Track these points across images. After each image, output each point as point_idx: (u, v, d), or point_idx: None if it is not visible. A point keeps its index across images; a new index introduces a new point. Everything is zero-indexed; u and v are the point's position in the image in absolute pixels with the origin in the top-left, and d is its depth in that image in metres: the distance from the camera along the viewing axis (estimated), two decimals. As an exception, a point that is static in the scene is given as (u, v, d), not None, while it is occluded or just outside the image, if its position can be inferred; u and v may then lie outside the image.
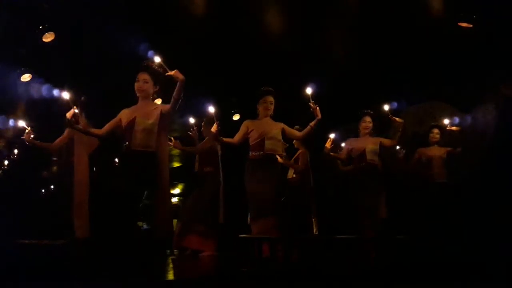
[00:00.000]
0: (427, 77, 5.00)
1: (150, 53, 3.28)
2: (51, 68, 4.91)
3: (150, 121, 3.12)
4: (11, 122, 4.93)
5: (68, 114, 2.96)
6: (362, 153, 4.35)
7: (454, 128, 4.58)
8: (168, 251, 5.04)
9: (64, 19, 4.59)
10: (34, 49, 4.78)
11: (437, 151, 4.79)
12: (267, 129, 3.73)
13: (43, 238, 5.03)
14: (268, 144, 3.68)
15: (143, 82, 3.15)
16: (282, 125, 3.82)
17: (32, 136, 4.02)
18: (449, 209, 4.58)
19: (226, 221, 4.47)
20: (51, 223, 4.89)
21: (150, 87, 3.18)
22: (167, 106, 3.19)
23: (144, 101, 3.20)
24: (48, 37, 4.82)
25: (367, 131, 4.41)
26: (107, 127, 3.18)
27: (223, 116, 6.02)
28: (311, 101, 3.59)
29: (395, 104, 4.66)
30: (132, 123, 3.10)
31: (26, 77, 5.21)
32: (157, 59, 3.08)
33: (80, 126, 3.21)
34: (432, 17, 4.16)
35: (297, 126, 4.17)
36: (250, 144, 3.74)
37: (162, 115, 3.16)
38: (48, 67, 4.91)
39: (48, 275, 2.43)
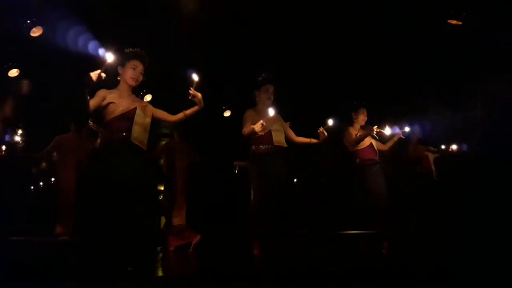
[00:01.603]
0: (416, 75, 5.02)
1: (189, 71, 3.08)
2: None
3: (148, 120, 2.98)
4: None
5: (94, 74, 2.67)
6: (371, 146, 4.29)
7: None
8: (159, 248, 5.03)
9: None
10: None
11: (425, 149, 4.83)
12: (272, 120, 3.55)
13: (32, 236, 4.98)
14: (275, 136, 3.54)
15: (140, 73, 3.00)
16: (279, 117, 3.71)
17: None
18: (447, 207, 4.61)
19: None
20: (39, 221, 4.85)
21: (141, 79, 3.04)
22: (164, 114, 3.10)
23: (130, 92, 3.01)
24: (36, 32, 4.74)
25: (364, 123, 4.35)
26: (95, 104, 2.85)
27: (214, 113, 6.02)
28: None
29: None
30: (131, 113, 2.89)
31: (13, 73, 5.12)
32: (195, 78, 2.97)
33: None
34: (422, 14, 4.18)
35: (288, 123, 4.15)
36: (255, 136, 3.49)
37: (153, 117, 3.05)
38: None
39: (35, 274, 2.41)
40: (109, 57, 2.74)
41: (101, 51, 3.28)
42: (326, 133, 3.56)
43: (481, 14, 4.11)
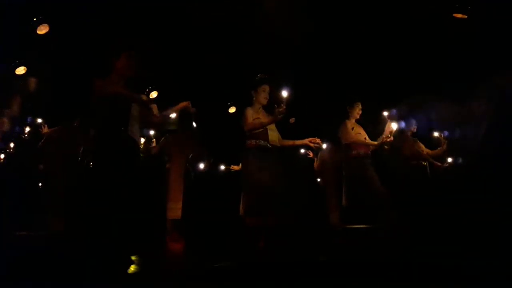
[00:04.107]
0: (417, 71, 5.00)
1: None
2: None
3: (137, 112, 2.88)
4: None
5: None
6: (364, 139, 4.36)
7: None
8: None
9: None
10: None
11: (422, 146, 4.88)
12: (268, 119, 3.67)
13: (39, 230, 5.05)
14: (270, 135, 3.65)
15: (136, 62, 2.90)
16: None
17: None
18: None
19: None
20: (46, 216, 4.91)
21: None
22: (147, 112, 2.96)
23: (124, 83, 2.91)
24: (42, 30, 4.78)
25: (359, 117, 4.41)
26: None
27: (218, 109, 6.04)
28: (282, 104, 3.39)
29: (394, 112, 4.68)
30: (128, 106, 2.81)
31: (21, 70, 5.17)
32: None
33: None
34: (426, 8, 4.15)
35: (292, 119, 4.16)
36: (253, 132, 3.63)
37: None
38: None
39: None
40: None
41: None
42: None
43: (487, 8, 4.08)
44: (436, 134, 4.81)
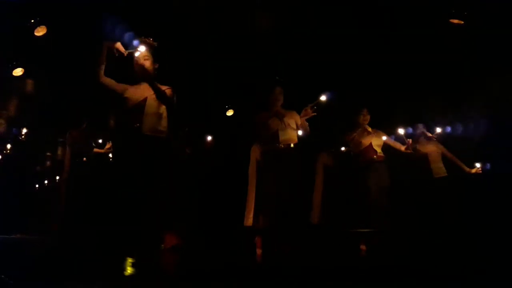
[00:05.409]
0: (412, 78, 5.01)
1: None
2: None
3: (162, 107, 2.90)
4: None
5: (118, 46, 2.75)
6: (369, 146, 4.37)
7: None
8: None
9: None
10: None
11: (432, 147, 4.86)
12: (279, 119, 3.68)
13: (36, 233, 5.05)
14: (282, 135, 3.62)
15: (144, 59, 2.90)
16: (296, 114, 3.75)
17: None
18: (453, 204, 4.65)
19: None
20: (43, 218, 4.90)
21: (151, 65, 2.93)
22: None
23: (143, 81, 2.93)
24: (40, 31, 4.77)
25: (367, 122, 4.42)
26: (112, 84, 2.87)
27: (216, 112, 6.03)
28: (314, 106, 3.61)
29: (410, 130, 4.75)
30: (142, 104, 2.84)
31: (18, 72, 5.15)
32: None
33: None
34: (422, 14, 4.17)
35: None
36: (264, 135, 3.68)
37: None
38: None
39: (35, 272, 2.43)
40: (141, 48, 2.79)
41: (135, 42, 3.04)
42: (311, 111, 3.61)
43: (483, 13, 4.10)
44: (478, 165, 4.73)
